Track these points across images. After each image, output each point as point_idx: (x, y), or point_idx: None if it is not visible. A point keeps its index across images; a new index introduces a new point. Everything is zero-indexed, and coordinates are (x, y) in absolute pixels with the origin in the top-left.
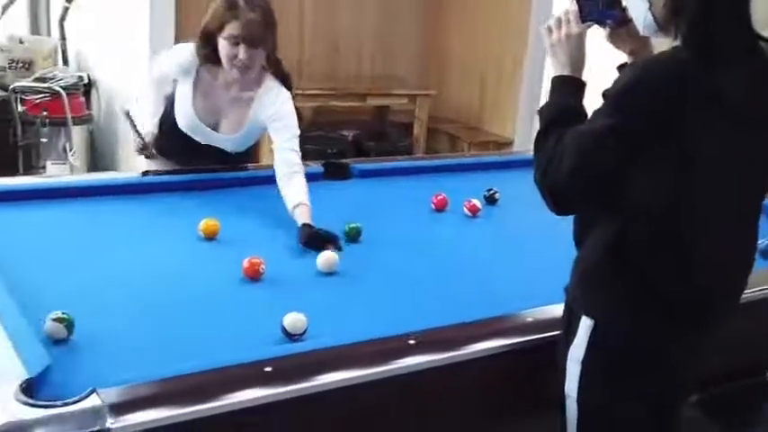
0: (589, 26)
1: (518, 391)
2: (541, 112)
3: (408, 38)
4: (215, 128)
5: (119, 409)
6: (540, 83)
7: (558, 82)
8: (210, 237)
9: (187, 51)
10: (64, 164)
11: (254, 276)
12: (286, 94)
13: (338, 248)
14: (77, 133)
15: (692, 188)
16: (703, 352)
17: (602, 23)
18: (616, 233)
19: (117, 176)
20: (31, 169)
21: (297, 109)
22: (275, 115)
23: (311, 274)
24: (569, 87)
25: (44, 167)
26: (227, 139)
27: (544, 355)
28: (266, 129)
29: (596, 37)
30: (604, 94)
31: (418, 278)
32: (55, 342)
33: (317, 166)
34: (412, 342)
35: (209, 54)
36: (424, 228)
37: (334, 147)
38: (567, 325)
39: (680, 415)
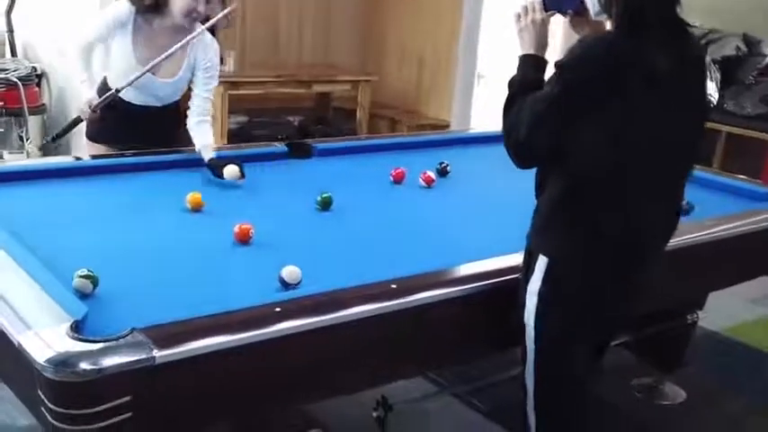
0: (552, 14)
1: (478, 325)
2: (509, 84)
3: (347, 25)
4: (153, 73)
5: (157, 342)
6: (474, 67)
7: (523, 59)
8: (196, 209)
9: (121, 6)
10: (21, 152)
11: (244, 240)
12: (216, 45)
13: (241, 170)
14: (33, 122)
15: (626, 149)
16: (636, 295)
17: (562, 12)
18: (566, 186)
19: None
20: None
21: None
22: (208, 63)
23: (295, 237)
24: (533, 64)
25: (1, 156)
26: (164, 84)
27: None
28: (194, 72)
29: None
30: (556, 65)
31: (386, 237)
32: (82, 296)
33: (281, 146)
34: (394, 287)
35: (150, 5)
36: (386, 197)
37: (280, 132)
38: (527, 265)
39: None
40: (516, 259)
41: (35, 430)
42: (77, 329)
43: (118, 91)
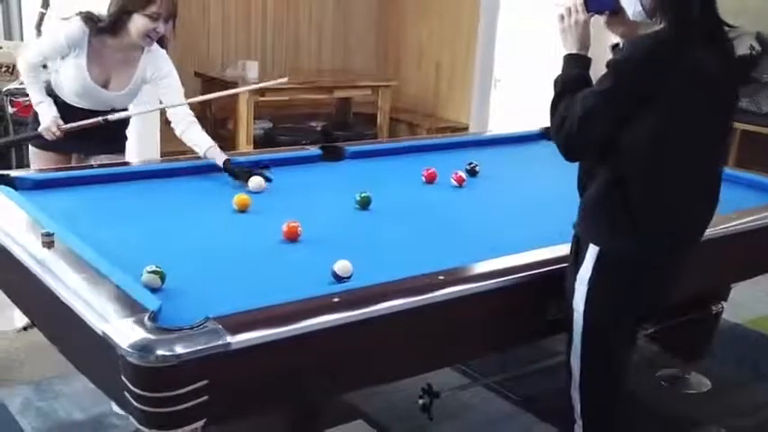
0: (592, 15)
1: (522, 314)
2: (555, 82)
3: (365, 31)
4: (105, 86)
5: (231, 329)
6: (491, 71)
7: (568, 58)
8: (243, 210)
9: (74, 27)
10: None
11: (293, 238)
12: (166, 54)
13: (267, 178)
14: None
15: (672, 146)
16: (673, 283)
17: (601, 13)
18: (615, 178)
19: (141, 165)
20: (22, 167)
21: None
22: (161, 73)
23: (339, 234)
24: (577, 62)
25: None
26: (116, 96)
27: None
28: (144, 85)
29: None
30: (607, 64)
31: (426, 233)
32: (151, 291)
33: (314, 149)
34: (441, 278)
35: (106, 26)
36: (421, 196)
37: (304, 137)
38: (576, 254)
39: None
40: (554, 251)
41: (90, 424)
42: (155, 320)
43: (107, 121)
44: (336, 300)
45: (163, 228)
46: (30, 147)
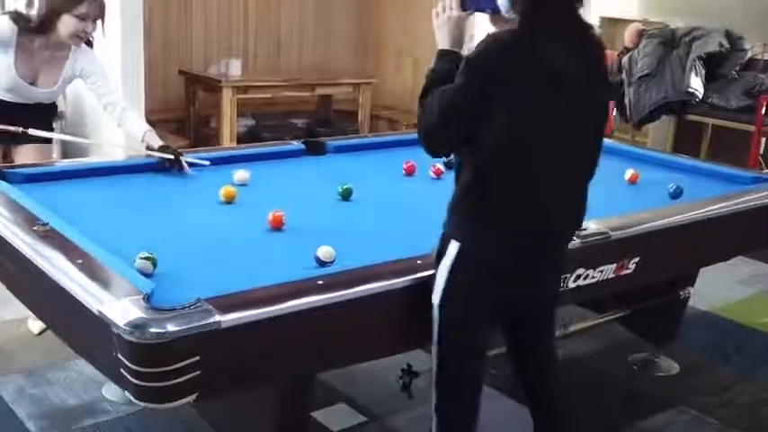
0: (471, 13)
1: None
2: (426, 77)
3: (346, 29)
4: (33, 83)
5: (221, 309)
6: None
7: (440, 54)
8: (230, 201)
9: (2, 26)
10: None
11: (278, 226)
12: (92, 51)
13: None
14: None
15: (522, 142)
16: (539, 278)
17: (481, 10)
18: (473, 174)
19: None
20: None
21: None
22: (89, 70)
23: (322, 223)
24: (448, 58)
25: None
26: (44, 92)
27: None
28: (71, 80)
29: None
30: (464, 59)
31: (405, 222)
32: (145, 275)
33: (297, 144)
34: (419, 263)
35: (35, 26)
36: (400, 187)
37: (287, 133)
38: (441, 250)
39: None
40: None
41: (83, 409)
42: (148, 302)
43: (25, 132)
44: (320, 282)
45: (153, 218)
46: None
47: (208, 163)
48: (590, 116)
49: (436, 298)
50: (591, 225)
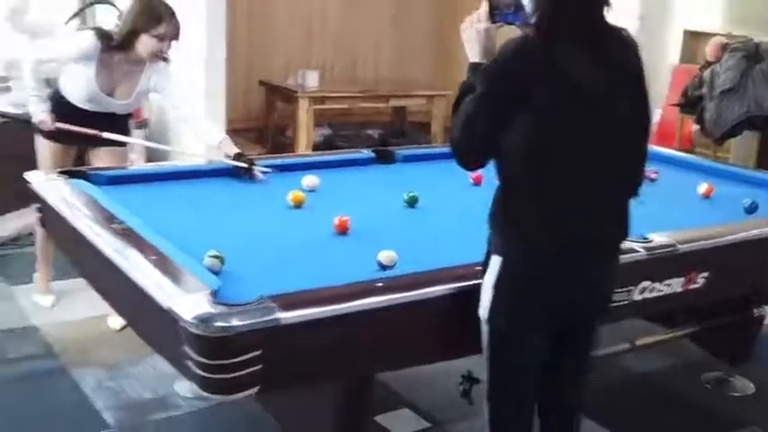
0: (500, 25)
1: None
2: (459, 89)
3: (422, 41)
4: (110, 95)
5: (282, 307)
6: None
7: (472, 66)
8: (298, 205)
9: (88, 42)
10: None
11: (343, 231)
12: (167, 67)
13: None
14: (136, 136)
15: (543, 151)
16: (585, 288)
17: (510, 23)
18: (502, 186)
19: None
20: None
21: None
22: (164, 82)
23: (386, 228)
24: (479, 70)
25: None
26: (120, 104)
27: None
28: (147, 94)
29: None
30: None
31: (468, 229)
32: (212, 273)
33: (368, 152)
34: (479, 269)
35: (117, 44)
36: (466, 196)
37: (362, 144)
38: (485, 263)
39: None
40: None
41: (156, 403)
42: (215, 297)
43: (100, 137)
44: (380, 285)
45: (224, 219)
46: (37, 137)
47: (278, 171)
48: (622, 124)
49: (483, 312)
50: (658, 237)
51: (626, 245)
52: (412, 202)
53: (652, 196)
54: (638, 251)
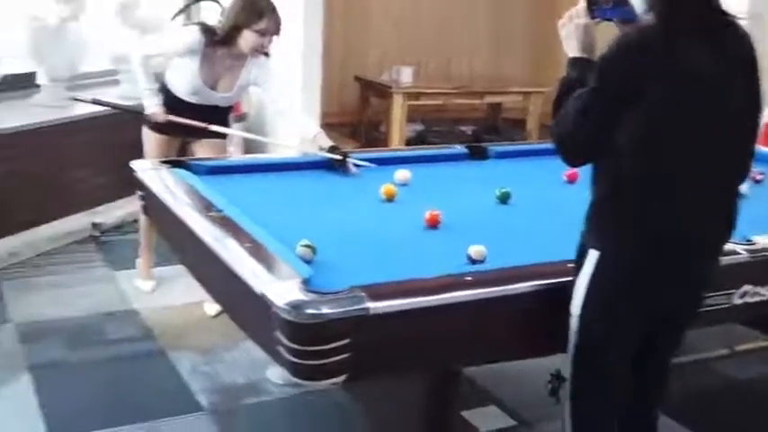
0: (599, 21)
1: None
2: (559, 85)
3: (519, 37)
4: (213, 88)
5: (372, 297)
6: None
7: (571, 61)
8: (390, 199)
9: (193, 37)
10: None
11: (434, 224)
12: (268, 61)
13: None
14: (235, 129)
15: (663, 145)
16: (685, 290)
17: (609, 20)
18: (612, 182)
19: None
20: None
21: None
22: (264, 76)
23: (478, 223)
24: (580, 65)
25: None
26: (222, 97)
27: None
28: (248, 87)
29: None
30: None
31: (561, 226)
32: (305, 262)
33: (461, 148)
34: (570, 266)
35: (220, 39)
36: (560, 194)
37: (456, 140)
38: (579, 258)
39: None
40: None
41: (248, 388)
42: (306, 285)
43: (207, 129)
44: (469, 278)
45: (317, 210)
46: (144, 128)
47: (372, 165)
48: (735, 117)
49: (576, 308)
50: (762, 240)
51: (728, 246)
52: (504, 199)
53: (757, 198)
54: (740, 253)
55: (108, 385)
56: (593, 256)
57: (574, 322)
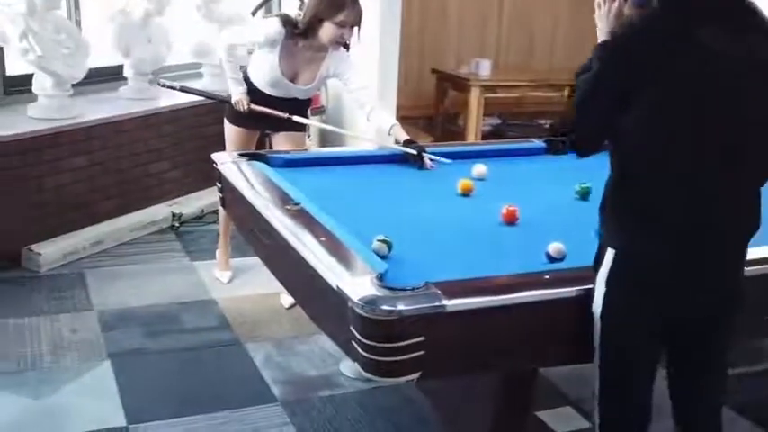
0: (631, 7)
1: None
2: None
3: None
4: (293, 80)
5: (447, 294)
6: None
7: (597, 46)
8: (467, 193)
9: (274, 28)
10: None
11: (511, 220)
12: (347, 53)
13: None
14: (314, 121)
15: (671, 132)
16: (710, 283)
17: (641, 7)
18: (620, 172)
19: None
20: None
21: None
22: (344, 68)
23: (556, 220)
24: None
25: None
26: (302, 89)
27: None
28: (326, 80)
29: None
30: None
31: None
32: (380, 257)
33: (539, 142)
34: None
35: (302, 32)
36: None
37: (533, 134)
38: (598, 257)
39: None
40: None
41: (321, 381)
42: (382, 280)
43: (289, 119)
44: (547, 277)
45: (393, 204)
46: (225, 121)
47: (449, 161)
48: (757, 105)
49: (597, 308)
50: None
51: None
52: (584, 194)
53: None
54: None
55: (184, 374)
56: (609, 253)
57: (596, 323)
